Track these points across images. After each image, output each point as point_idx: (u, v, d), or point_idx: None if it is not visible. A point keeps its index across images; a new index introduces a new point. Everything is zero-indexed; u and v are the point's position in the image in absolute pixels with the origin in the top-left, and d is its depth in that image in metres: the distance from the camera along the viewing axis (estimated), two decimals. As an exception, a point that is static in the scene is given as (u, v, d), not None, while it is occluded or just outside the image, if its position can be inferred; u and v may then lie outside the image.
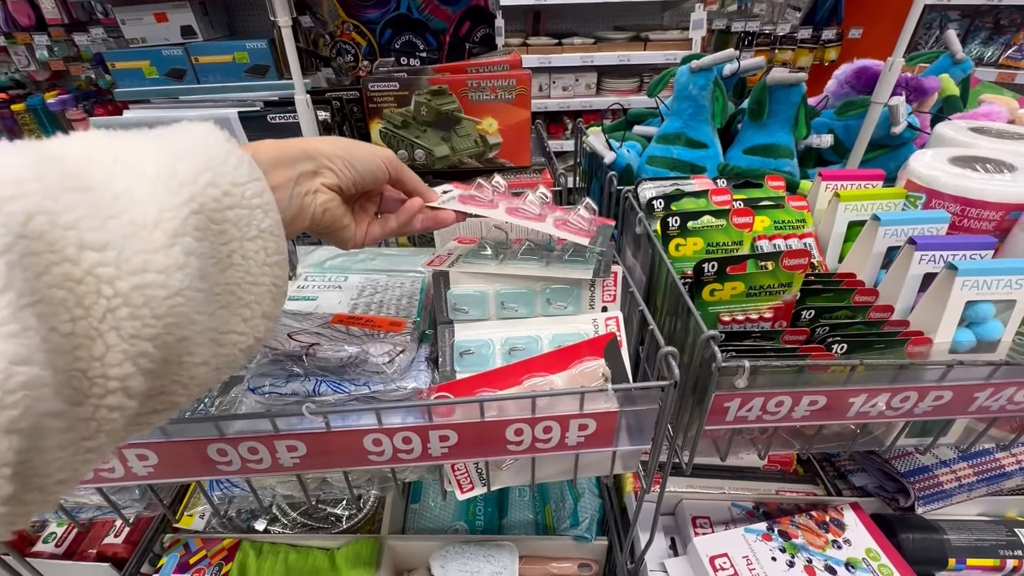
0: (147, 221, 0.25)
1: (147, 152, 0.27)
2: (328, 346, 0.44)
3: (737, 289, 0.50)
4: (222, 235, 0.28)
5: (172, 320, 0.25)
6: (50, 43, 2.57)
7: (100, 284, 0.22)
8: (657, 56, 2.51)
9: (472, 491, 0.51)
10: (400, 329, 0.51)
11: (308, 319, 0.50)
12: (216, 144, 0.29)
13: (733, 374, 0.45)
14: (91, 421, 0.23)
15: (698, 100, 0.76)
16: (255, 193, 0.30)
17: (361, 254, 0.74)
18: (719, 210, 0.59)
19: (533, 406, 0.43)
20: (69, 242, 0.22)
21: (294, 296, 0.64)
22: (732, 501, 0.79)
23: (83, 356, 0.22)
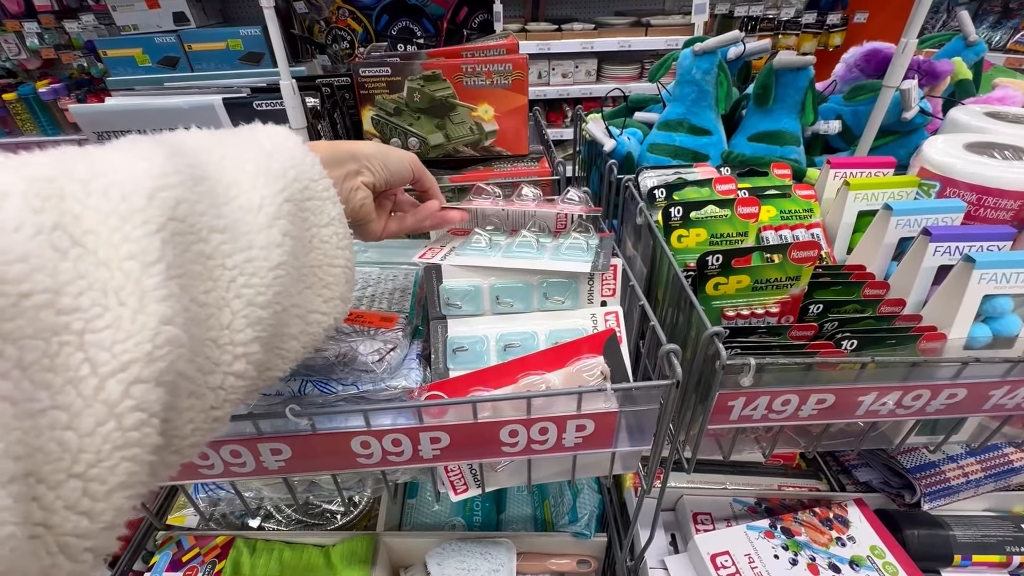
0: (252, 206, 0.29)
1: (245, 150, 0.32)
2: None
3: (743, 283, 0.48)
4: (304, 222, 0.33)
5: (277, 289, 0.29)
6: (40, 31, 2.52)
7: (224, 259, 0.27)
8: (659, 42, 2.46)
9: (466, 492, 0.49)
10: (391, 325, 0.49)
11: None
12: (295, 145, 0.34)
13: (738, 372, 0.43)
14: (219, 390, 0.27)
15: (701, 85, 0.73)
16: (325, 187, 0.35)
17: (353, 245, 0.72)
18: (723, 200, 0.56)
19: (529, 406, 0.41)
20: (203, 225, 0.26)
21: None
22: (734, 497, 0.78)
23: (214, 325, 0.26)
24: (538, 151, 0.84)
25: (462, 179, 0.76)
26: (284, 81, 0.64)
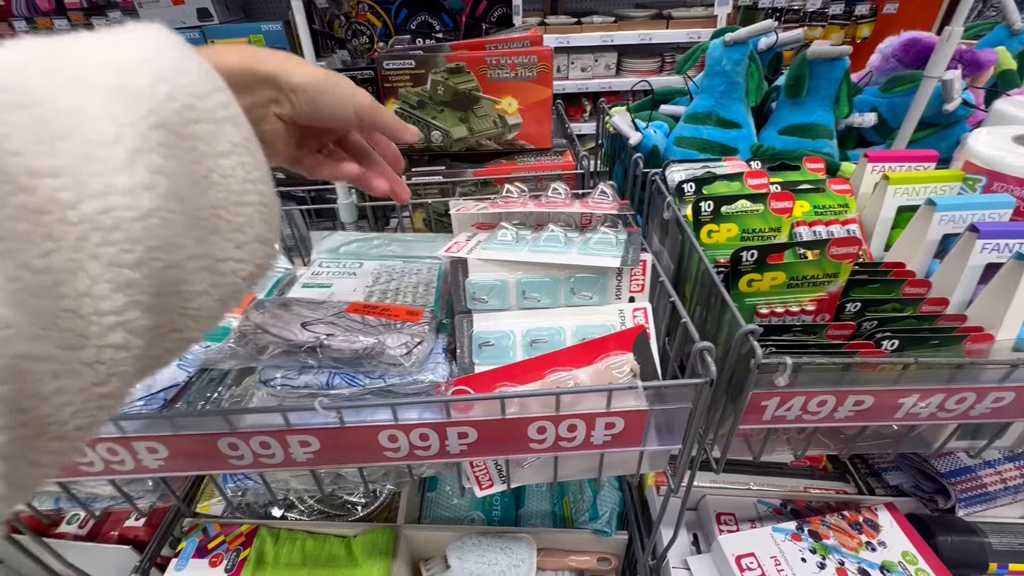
0: (104, 139, 0.22)
1: (95, 62, 0.24)
2: (343, 337, 0.42)
3: (778, 280, 0.46)
4: (192, 152, 0.26)
5: (153, 243, 0.23)
6: (69, 27, 2.57)
7: (64, 211, 0.21)
8: (680, 34, 2.42)
9: (491, 488, 0.49)
10: (417, 319, 0.48)
11: (322, 308, 0.48)
12: (172, 49, 0.26)
13: (773, 371, 0.42)
14: (98, 365, 0.22)
15: (731, 76, 0.71)
16: (219, 104, 0.27)
17: (376, 239, 0.72)
18: (756, 194, 0.55)
19: (557, 403, 0.40)
20: (19, 170, 0.20)
21: (308, 283, 0.62)
22: (758, 498, 0.76)
23: (68, 293, 0.21)
24: (561, 144, 0.83)
25: (485, 173, 0.76)
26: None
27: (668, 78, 2.56)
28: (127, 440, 0.39)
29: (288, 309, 0.45)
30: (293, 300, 0.48)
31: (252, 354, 0.41)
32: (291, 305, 0.47)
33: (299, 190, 0.78)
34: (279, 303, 0.46)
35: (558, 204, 0.55)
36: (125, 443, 0.40)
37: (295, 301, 0.48)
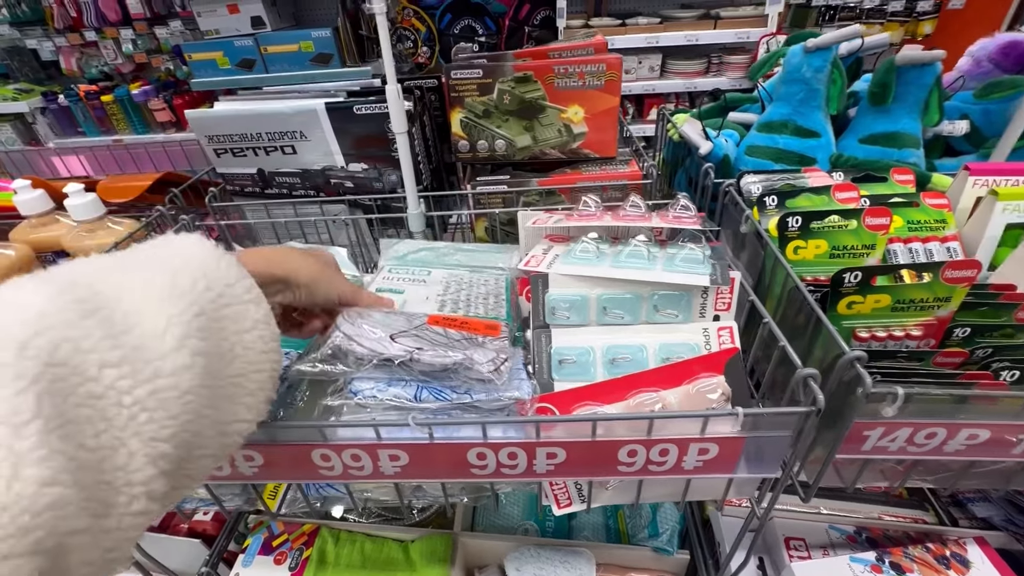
0: (157, 331, 0.27)
1: (148, 268, 0.29)
2: (431, 351, 0.42)
3: (881, 302, 0.44)
4: (222, 331, 0.30)
5: (187, 418, 0.27)
6: (134, 37, 2.71)
7: (120, 395, 0.24)
8: (728, 35, 2.35)
9: (569, 507, 0.48)
10: (497, 334, 0.48)
11: (404, 319, 0.48)
12: (205, 251, 0.32)
13: (880, 400, 0.39)
14: (116, 531, 0.24)
15: (811, 84, 0.68)
16: (245, 289, 0.32)
17: (442, 248, 0.72)
18: (847, 209, 0.52)
19: (650, 427, 0.39)
20: (91, 363, 0.24)
21: (381, 287, 0.63)
22: (830, 523, 0.73)
23: (108, 468, 0.24)
24: (625, 153, 0.82)
25: (550, 182, 0.75)
26: (390, 86, 0.64)
27: (712, 80, 2.50)
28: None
29: (374, 320, 0.46)
30: (376, 311, 0.48)
31: (346, 366, 0.42)
32: (375, 316, 0.47)
33: (366, 198, 0.79)
34: (364, 314, 0.47)
35: (637, 218, 0.53)
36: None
37: (378, 313, 0.48)
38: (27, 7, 2.74)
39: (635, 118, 2.70)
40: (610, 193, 0.75)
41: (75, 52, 2.86)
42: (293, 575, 0.75)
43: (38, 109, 2.78)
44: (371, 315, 0.47)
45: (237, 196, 0.85)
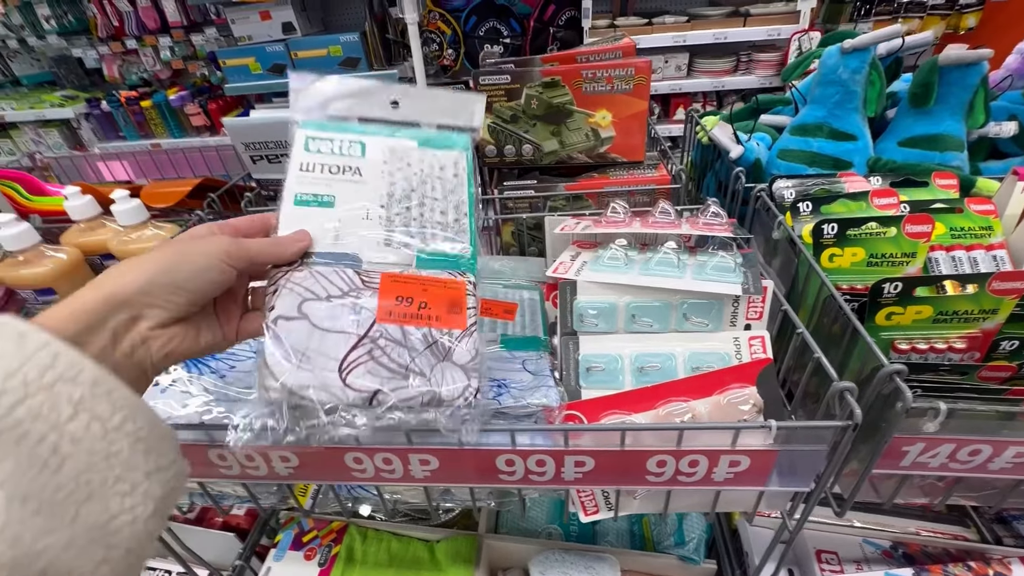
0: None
1: None
2: (392, 382, 0.35)
3: (922, 313, 0.43)
4: (24, 439, 0.23)
5: (15, 554, 0.22)
6: (172, 44, 2.81)
7: None
8: (759, 32, 2.30)
9: (596, 515, 0.48)
10: (463, 321, 0.39)
11: (345, 313, 0.38)
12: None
13: (921, 415, 0.38)
14: None
15: (848, 85, 0.66)
16: (42, 369, 0.24)
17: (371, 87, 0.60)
18: (886, 216, 0.51)
19: (680, 438, 0.39)
20: None
21: (301, 196, 0.41)
22: (864, 537, 0.71)
23: None
24: (653, 157, 0.81)
25: (577, 187, 0.75)
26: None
27: (741, 79, 2.45)
28: (264, 449, 0.42)
29: (306, 334, 0.36)
30: (303, 309, 0.37)
31: (303, 428, 0.36)
32: (304, 319, 0.37)
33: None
34: (287, 316, 0.36)
35: (666, 224, 0.53)
36: (262, 451, 0.42)
37: (305, 308, 0.37)
38: (73, 17, 2.87)
39: (661, 118, 2.67)
40: (637, 198, 0.74)
41: (117, 60, 2.98)
42: (322, 571, 0.77)
43: (82, 115, 2.90)
44: (297, 324, 0.36)
45: (272, 201, 0.87)
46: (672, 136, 2.43)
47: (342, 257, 0.40)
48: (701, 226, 0.52)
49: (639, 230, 0.53)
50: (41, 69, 3.26)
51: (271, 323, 0.36)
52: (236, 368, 0.53)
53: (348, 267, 0.40)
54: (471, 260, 0.43)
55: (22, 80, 3.22)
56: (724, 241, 0.53)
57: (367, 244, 0.41)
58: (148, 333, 0.32)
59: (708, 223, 0.52)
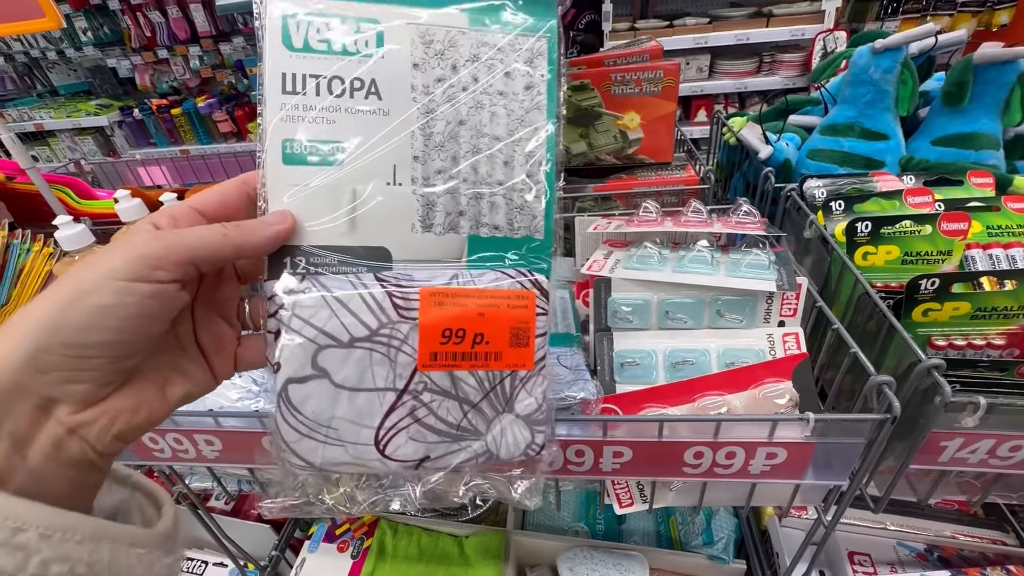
0: None
1: None
2: (440, 444, 0.30)
3: (960, 310, 0.43)
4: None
5: None
6: (201, 53, 2.91)
7: None
8: (782, 32, 2.29)
9: (631, 507, 0.49)
10: (530, 360, 0.31)
11: (380, 358, 0.28)
12: None
13: (960, 410, 0.38)
14: None
15: (879, 85, 0.66)
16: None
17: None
18: (921, 214, 0.51)
19: (717, 429, 0.40)
20: None
21: (291, 147, 0.27)
22: (898, 540, 0.70)
23: None
24: (681, 158, 0.82)
25: (606, 188, 0.76)
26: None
27: (767, 78, 2.43)
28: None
29: (328, 399, 0.28)
30: (319, 362, 0.27)
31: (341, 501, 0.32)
32: (323, 377, 0.28)
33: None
34: (300, 378, 0.27)
35: (698, 223, 0.54)
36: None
37: (323, 362, 0.27)
38: (108, 29, 2.99)
39: (682, 120, 2.66)
40: (665, 198, 0.75)
41: (148, 69, 3.09)
42: (355, 563, 0.79)
43: (116, 122, 3.01)
44: (315, 387, 0.28)
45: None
46: (693, 138, 2.42)
47: (362, 255, 0.28)
48: (734, 224, 0.52)
49: (671, 228, 0.54)
50: (78, 79, 3.39)
51: (281, 391, 0.27)
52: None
53: (371, 275, 0.28)
54: (545, 248, 0.30)
55: (60, 90, 3.35)
56: (756, 239, 0.53)
57: (395, 226, 0.28)
58: (74, 420, 0.22)
59: (740, 222, 0.53)
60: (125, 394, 0.24)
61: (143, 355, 0.25)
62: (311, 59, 0.27)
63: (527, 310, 0.29)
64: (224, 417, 0.46)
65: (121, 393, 0.24)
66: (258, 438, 0.44)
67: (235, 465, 0.49)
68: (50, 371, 0.21)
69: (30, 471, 0.21)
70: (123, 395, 0.24)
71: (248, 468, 0.50)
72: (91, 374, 0.22)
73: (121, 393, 0.24)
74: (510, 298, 0.29)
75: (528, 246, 0.30)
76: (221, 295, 0.29)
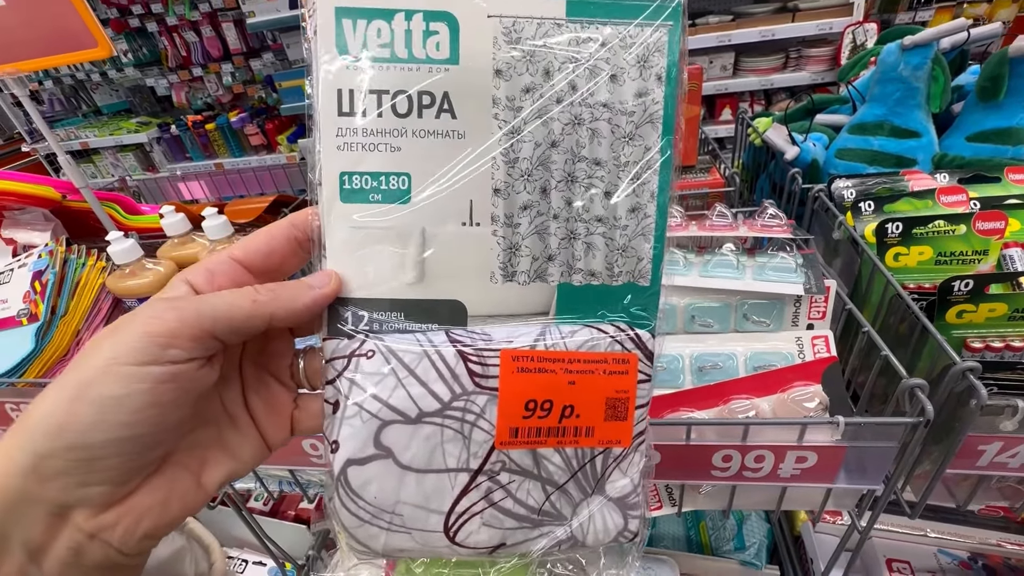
0: None
1: None
2: (518, 528, 0.26)
3: (996, 311, 0.42)
4: None
5: None
6: (233, 70, 3.02)
7: None
8: (808, 27, 2.24)
9: (659, 510, 0.50)
10: (627, 437, 0.27)
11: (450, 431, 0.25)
12: None
13: (997, 414, 0.38)
14: None
15: (909, 82, 0.65)
16: None
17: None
18: (955, 214, 0.50)
19: (745, 433, 0.40)
20: None
21: (340, 164, 0.23)
22: (939, 547, 0.68)
23: None
24: (705, 161, 0.82)
25: (629, 193, 0.76)
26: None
27: (793, 74, 2.38)
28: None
29: (393, 482, 0.25)
30: (383, 440, 0.24)
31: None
32: (387, 457, 0.25)
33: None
34: (360, 459, 0.24)
35: (724, 227, 0.54)
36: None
37: (387, 440, 0.24)
38: (147, 50, 3.14)
39: (706, 119, 2.63)
40: (690, 201, 0.75)
41: (184, 87, 3.23)
42: (389, 562, 0.81)
43: (154, 139, 3.15)
44: (377, 468, 0.24)
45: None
46: (718, 137, 2.39)
47: (432, 310, 0.24)
48: (759, 228, 0.52)
49: (696, 233, 0.54)
50: (119, 99, 3.57)
51: (340, 474, 0.24)
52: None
53: (443, 334, 0.24)
54: (652, 298, 0.25)
55: (103, 109, 3.54)
56: (783, 243, 0.53)
57: (471, 275, 0.24)
58: (93, 524, 0.20)
59: (767, 225, 0.53)
60: (153, 487, 0.21)
61: (169, 444, 0.22)
62: (372, 69, 0.22)
63: (628, 376, 0.25)
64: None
65: (148, 486, 0.21)
66: (299, 440, 0.47)
67: (277, 466, 0.52)
68: (56, 478, 0.18)
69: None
70: (150, 489, 0.21)
71: (289, 469, 0.53)
72: (106, 475, 0.19)
73: (148, 486, 0.21)
74: (607, 362, 0.25)
75: (630, 296, 0.25)
76: (271, 350, 0.26)
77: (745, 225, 0.54)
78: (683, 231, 0.55)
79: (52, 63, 0.71)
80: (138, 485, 0.21)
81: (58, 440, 0.18)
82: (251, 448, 0.25)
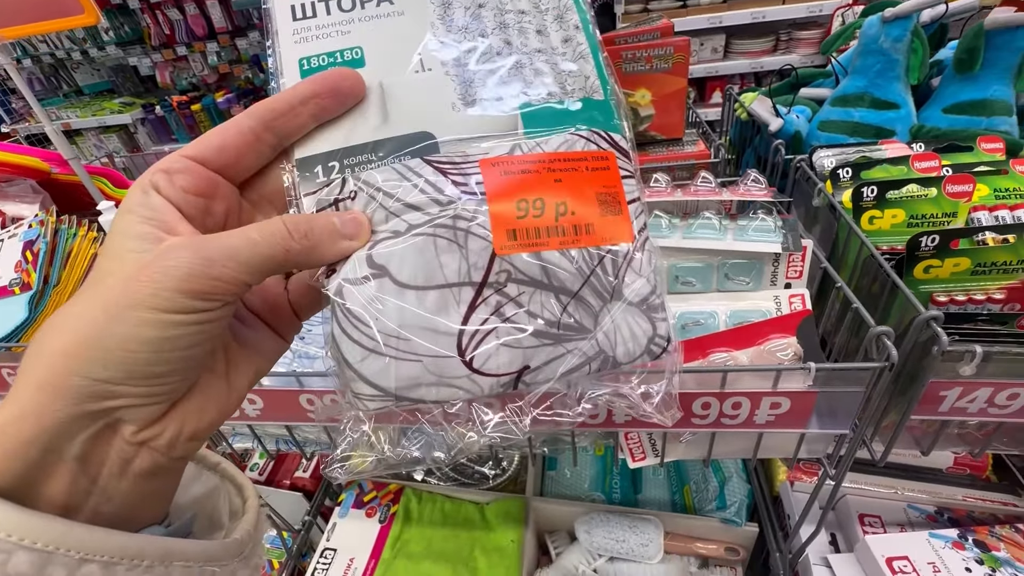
0: None
1: None
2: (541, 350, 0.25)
3: (960, 266, 0.44)
4: None
5: None
6: (218, 49, 2.96)
7: None
8: (799, 9, 2.24)
9: (644, 461, 0.52)
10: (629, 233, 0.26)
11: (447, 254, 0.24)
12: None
13: (957, 360, 0.40)
14: None
15: (889, 55, 0.67)
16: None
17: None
18: (927, 178, 0.52)
19: (723, 380, 0.42)
20: None
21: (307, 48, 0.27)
22: (908, 503, 0.72)
23: None
24: (692, 134, 0.83)
25: (618, 164, 0.78)
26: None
27: (784, 57, 2.39)
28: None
29: (394, 300, 0.24)
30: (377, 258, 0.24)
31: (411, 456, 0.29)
32: (383, 275, 0.24)
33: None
34: (355, 279, 0.24)
35: (707, 192, 0.56)
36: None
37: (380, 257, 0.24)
38: (129, 28, 3.06)
39: (697, 102, 2.63)
40: (676, 173, 0.77)
41: (168, 66, 3.16)
42: (383, 527, 0.84)
43: (139, 120, 3.09)
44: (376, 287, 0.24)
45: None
46: (709, 120, 2.40)
47: (403, 143, 0.25)
48: (742, 192, 0.54)
49: (681, 198, 0.56)
50: (101, 78, 3.48)
51: (335, 295, 0.24)
52: (312, 331, 0.59)
53: (417, 159, 0.24)
54: (607, 106, 0.27)
55: (84, 89, 3.45)
56: (764, 205, 0.55)
57: (433, 108, 0.25)
58: (140, 437, 0.21)
59: (748, 189, 0.54)
60: (190, 396, 0.22)
61: (194, 376, 0.22)
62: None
63: (611, 172, 0.25)
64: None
65: (187, 396, 0.22)
66: (296, 396, 0.48)
67: (275, 423, 0.53)
68: (112, 399, 0.20)
69: (100, 491, 0.21)
70: (188, 397, 0.22)
71: (286, 426, 0.54)
72: (160, 396, 0.21)
73: (187, 396, 0.22)
74: (588, 160, 0.25)
75: (589, 109, 0.26)
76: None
77: (728, 191, 0.56)
78: (668, 196, 0.57)
79: (38, 30, 0.71)
80: (178, 400, 0.22)
81: (118, 370, 0.19)
82: (269, 342, 0.26)
